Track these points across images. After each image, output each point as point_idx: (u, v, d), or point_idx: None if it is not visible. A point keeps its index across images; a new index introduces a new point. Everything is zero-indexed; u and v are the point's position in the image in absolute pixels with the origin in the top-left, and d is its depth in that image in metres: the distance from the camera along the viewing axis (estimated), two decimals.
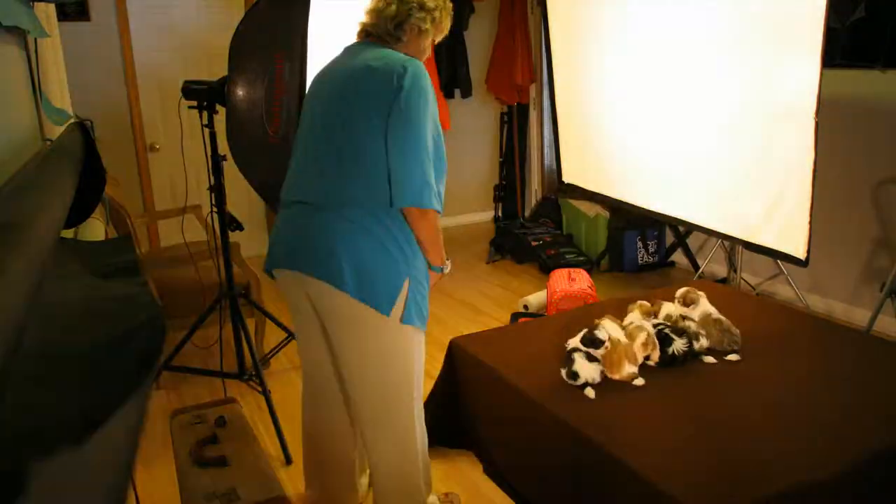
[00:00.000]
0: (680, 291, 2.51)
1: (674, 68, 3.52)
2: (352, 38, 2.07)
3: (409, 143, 1.78)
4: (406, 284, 1.85)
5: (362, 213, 1.81)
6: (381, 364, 1.93)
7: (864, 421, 1.94)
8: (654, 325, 2.35)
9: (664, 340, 2.27)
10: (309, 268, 1.86)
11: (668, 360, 2.24)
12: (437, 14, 1.95)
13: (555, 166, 4.83)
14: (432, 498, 2.26)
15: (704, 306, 2.41)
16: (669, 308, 2.45)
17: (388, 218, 1.83)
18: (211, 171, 2.88)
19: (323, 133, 1.89)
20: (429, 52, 2.03)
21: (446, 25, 2.02)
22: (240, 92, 2.60)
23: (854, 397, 2.07)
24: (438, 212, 1.87)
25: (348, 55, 1.95)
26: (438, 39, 2.05)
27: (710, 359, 2.28)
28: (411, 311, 1.87)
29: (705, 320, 2.37)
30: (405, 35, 1.92)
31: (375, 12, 1.94)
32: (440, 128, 1.90)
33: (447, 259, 1.99)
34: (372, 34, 1.94)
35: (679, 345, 2.26)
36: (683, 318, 2.40)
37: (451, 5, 2.01)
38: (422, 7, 1.91)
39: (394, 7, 1.90)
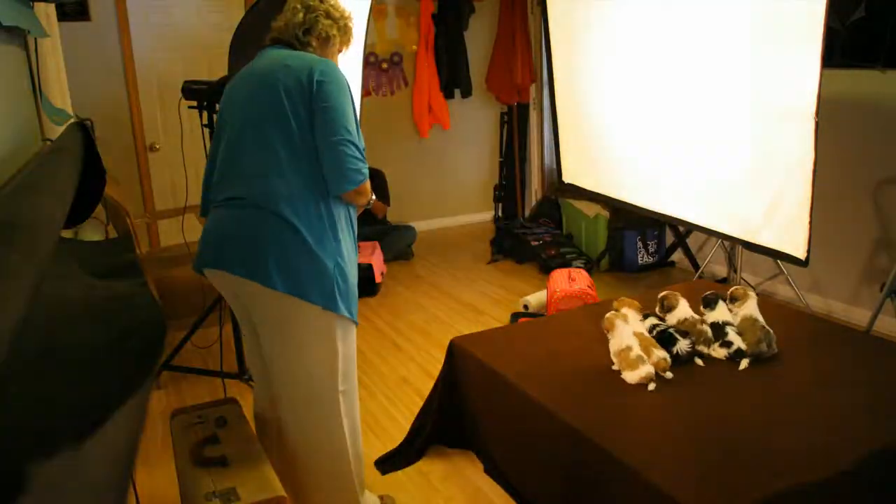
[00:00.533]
0: (661, 295, 2.51)
1: (674, 68, 3.52)
2: (357, 36, 2.10)
3: (336, 130, 1.86)
4: (331, 274, 1.90)
5: (290, 206, 1.87)
6: (302, 354, 1.97)
7: (864, 421, 1.94)
8: (656, 326, 2.35)
9: (668, 340, 2.27)
10: (234, 267, 1.90)
11: (672, 361, 2.24)
12: (341, 23, 2.07)
13: (555, 166, 4.83)
14: (370, 497, 2.27)
15: (748, 309, 2.38)
16: (685, 311, 2.43)
17: (316, 208, 1.90)
18: None
19: (246, 131, 1.95)
20: (335, 61, 2.11)
21: (350, 38, 2.15)
22: None
23: (854, 397, 2.07)
24: (366, 179, 1.95)
25: (262, 58, 2.03)
26: (345, 49, 2.15)
27: (744, 363, 2.25)
28: (336, 299, 1.91)
29: (745, 322, 2.35)
30: (313, 40, 2.03)
31: (284, 19, 2.04)
32: (359, 125, 2.00)
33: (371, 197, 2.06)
34: (281, 40, 2.04)
35: (683, 345, 2.26)
36: (724, 323, 2.36)
37: (352, 19, 2.13)
38: (328, 15, 2.03)
39: (301, 15, 2.01)
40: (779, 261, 3.87)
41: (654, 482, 1.69)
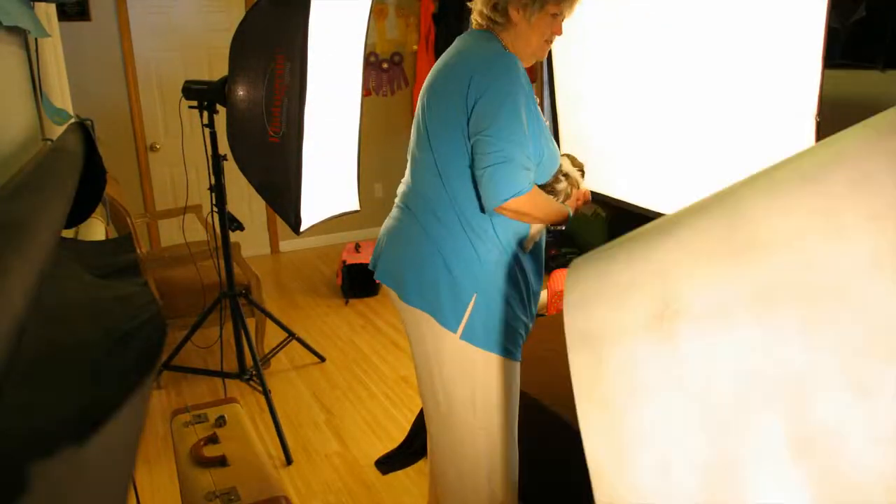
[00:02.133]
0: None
1: (674, 68, 3.53)
2: (352, 37, 2.06)
3: (492, 139, 1.58)
4: (472, 300, 1.69)
5: (436, 220, 1.70)
6: (440, 381, 1.79)
7: None
8: None
9: None
10: (382, 273, 1.81)
11: None
12: None
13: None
14: None
15: None
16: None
17: (456, 231, 1.69)
18: (211, 170, 2.89)
19: (416, 134, 1.79)
20: (547, 34, 1.80)
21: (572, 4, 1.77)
22: (240, 91, 2.60)
23: None
24: (529, 189, 1.63)
25: (451, 49, 1.77)
26: (568, 15, 1.82)
27: None
28: (475, 329, 1.69)
29: None
30: (501, 17, 1.68)
31: (476, 1, 1.75)
32: (535, 108, 1.71)
33: (569, 211, 1.79)
34: (479, 22, 1.74)
35: None
36: None
37: None
38: None
39: None
40: None
41: None
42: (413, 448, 2.68)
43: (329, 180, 2.97)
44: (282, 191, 2.63)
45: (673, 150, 3.64)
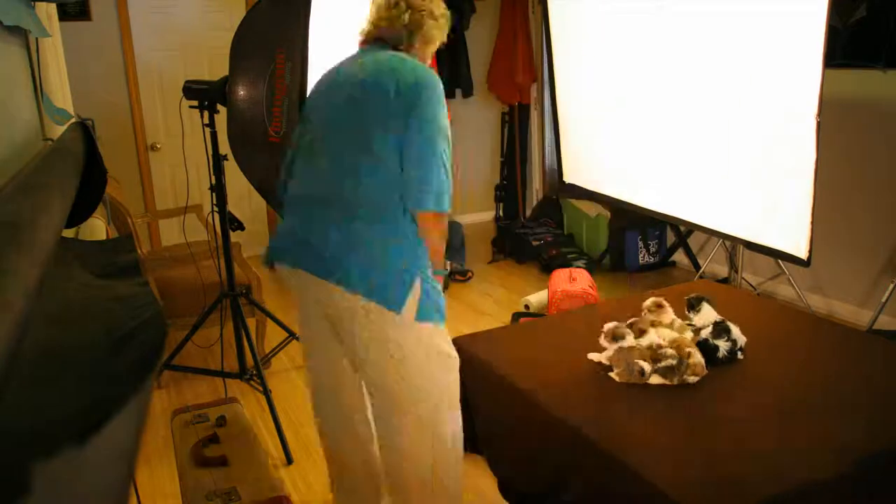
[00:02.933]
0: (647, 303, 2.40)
1: (675, 68, 3.52)
2: (352, 37, 2.07)
3: (428, 149, 1.79)
4: (418, 283, 1.83)
5: (375, 214, 1.82)
6: (399, 365, 1.89)
7: (864, 421, 1.94)
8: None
9: (710, 349, 2.24)
10: (317, 269, 1.85)
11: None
12: (442, 21, 2.00)
13: (556, 166, 4.83)
14: None
15: (708, 315, 2.30)
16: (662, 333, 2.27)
17: (398, 219, 1.83)
18: (212, 170, 2.89)
19: (337, 134, 1.88)
20: (429, 61, 2.07)
21: (445, 34, 2.07)
22: (241, 91, 2.60)
23: (855, 397, 2.07)
24: (447, 213, 1.88)
25: (362, 57, 1.94)
26: (437, 45, 2.09)
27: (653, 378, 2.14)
28: (428, 309, 1.86)
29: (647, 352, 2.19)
30: (417, 42, 1.96)
31: (389, 20, 1.96)
32: (449, 133, 1.90)
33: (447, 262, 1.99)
34: (385, 39, 1.96)
35: (724, 347, 2.24)
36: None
37: (447, 15, 2.05)
38: (432, 15, 1.96)
39: (407, 15, 1.93)
40: (780, 261, 3.86)
41: (655, 483, 1.69)
42: None
43: None
44: None
45: (673, 149, 3.64)
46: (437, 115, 1.82)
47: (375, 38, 1.97)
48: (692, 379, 2.13)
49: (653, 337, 2.22)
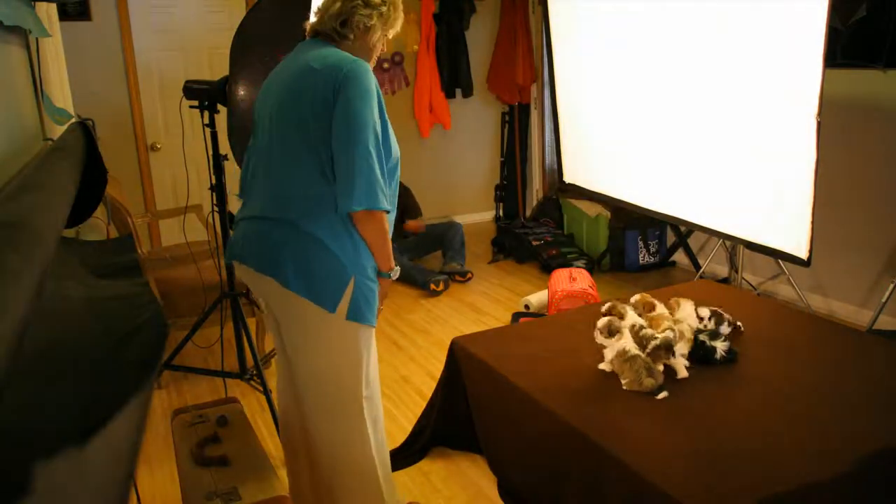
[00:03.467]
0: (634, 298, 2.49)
1: (675, 68, 3.52)
2: None
3: (353, 146, 1.76)
4: (351, 282, 1.84)
5: (309, 212, 1.83)
6: (328, 362, 1.93)
7: (864, 421, 1.94)
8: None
9: (707, 350, 2.27)
10: (258, 265, 1.88)
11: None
12: (383, 9, 1.92)
13: (556, 166, 4.83)
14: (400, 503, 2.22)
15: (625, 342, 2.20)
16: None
17: (332, 220, 1.83)
18: (212, 170, 2.88)
19: (270, 137, 1.90)
20: (379, 50, 2.00)
21: (396, 21, 1.99)
22: (241, 91, 2.60)
23: (855, 397, 2.07)
24: (388, 212, 1.85)
25: (294, 57, 1.93)
26: (390, 35, 2.02)
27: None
28: (360, 308, 1.86)
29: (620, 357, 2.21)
30: (351, 32, 1.90)
31: (321, 11, 1.92)
32: (389, 126, 1.88)
33: (395, 265, 1.96)
34: (320, 33, 1.93)
35: (721, 348, 2.26)
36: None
37: (399, 1, 1.99)
38: (366, 4, 1.89)
39: (338, 5, 1.88)
40: (780, 261, 3.86)
41: (655, 483, 1.69)
42: (414, 448, 2.68)
43: None
44: None
45: (673, 149, 3.64)
46: (360, 109, 1.77)
47: (315, 33, 1.95)
48: (683, 364, 2.16)
49: (634, 318, 2.28)
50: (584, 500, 1.94)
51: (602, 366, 2.26)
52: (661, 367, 2.16)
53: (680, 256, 4.96)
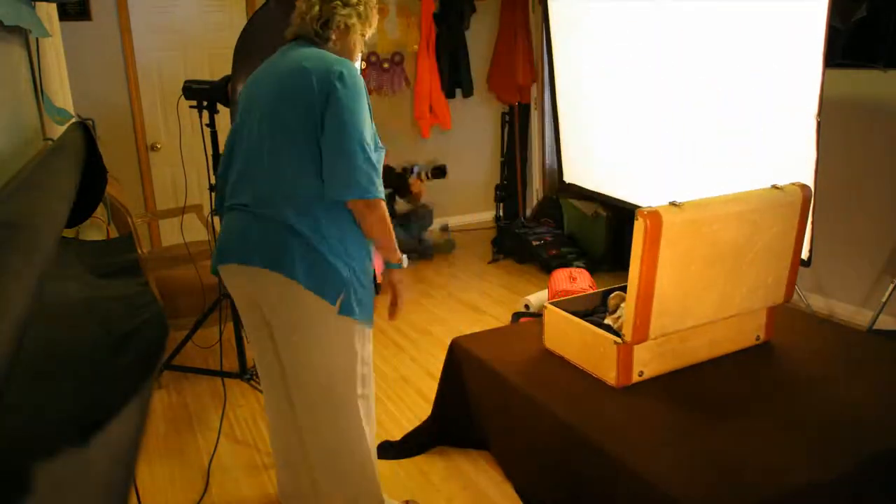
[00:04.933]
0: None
1: (675, 68, 3.52)
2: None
3: (349, 140, 1.80)
4: (345, 276, 1.87)
5: (305, 206, 1.85)
6: (325, 357, 1.94)
7: (864, 421, 1.94)
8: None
9: None
10: (257, 260, 1.88)
11: None
12: (361, 9, 1.97)
13: (556, 166, 4.83)
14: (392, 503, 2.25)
15: None
16: None
17: (324, 217, 1.85)
18: (212, 170, 2.89)
19: (261, 136, 1.91)
20: (360, 49, 2.05)
21: (373, 20, 2.03)
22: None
23: (855, 397, 2.07)
24: (382, 199, 1.89)
25: (280, 57, 1.97)
26: (368, 34, 2.06)
27: None
28: (352, 304, 1.89)
29: None
30: (332, 33, 1.94)
31: (300, 15, 1.96)
32: (375, 130, 1.93)
33: (402, 255, 2.00)
34: (301, 36, 1.97)
35: None
36: None
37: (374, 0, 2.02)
38: (345, 3, 1.93)
39: (317, 7, 1.93)
40: None
41: (654, 482, 1.69)
42: (411, 445, 2.69)
43: None
44: None
45: (673, 149, 3.64)
46: (351, 104, 1.81)
47: (296, 36, 1.98)
48: None
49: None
50: (583, 499, 1.94)
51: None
52: None
53: None
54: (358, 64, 2.03)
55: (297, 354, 1.95)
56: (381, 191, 1.86)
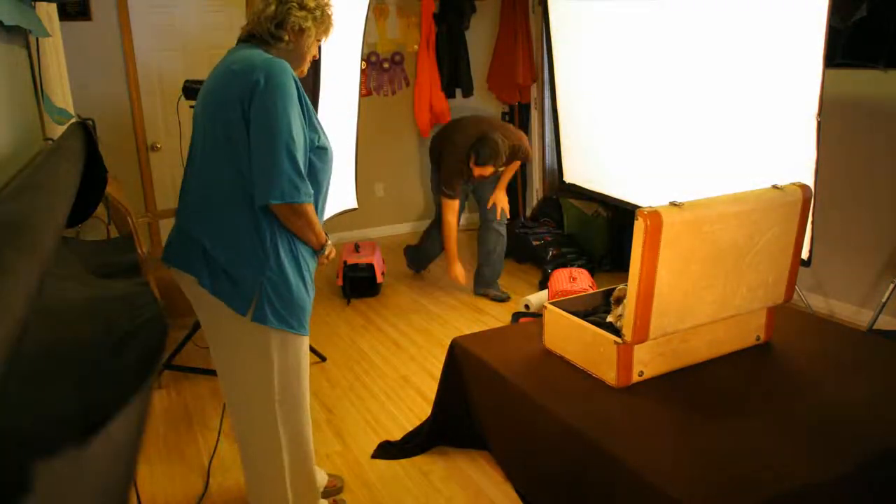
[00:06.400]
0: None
1: (675, 68, 3.52)
2: (350, 38, 2.07)
3: (272, 143, 1.78)
4: (260, 284, 1.87)
5: (227, 210, 1.86)
6: (238, 362, 1.97)
7: (864, 421, 1.94)
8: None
9: None
10: (180, 263, 1.93)
11: None
12: (317, 13, 1.95)
13: (556, 166, 4.83)
14: None
15: None
16: None
17: (246, 220, 1.86)
18: None
19: (195, 141, 1.95)
20: (313, 53, 2.03)
21: (329, 27, 2.01)
22: None
23: (855, 397, 2.07)
24: (308, 203, 1.87)
25: (221, 61, 1.96)
26: (322, 41, 2.06)
27: None
28: (265, 312, 1.87)
29: None
30: (286, 34, 1.92)
31: (256, 14, 1.94)
32: (316, 123, 1.91)
33: (327, 240, 1.98)
34: (255, 36, 1.94)
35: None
36: None
37: (331, 5, 2.01)
38: (301, 6, 1.91)
39: (273, 7, 1.90)
40: None
41: (655, 482, 1.69)
42: (410, 445, 2.69)
43: None
44: None
45: (674, 149, 3.64)
46: (279, 106, 1.78)
47: (249, 35, 1.96)
48: None
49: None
50: (583, 499, 1.94)
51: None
52: None
53: None
54: (306, 67, 2.03)
55: (216, 358, 2.03)
56: (308, 194, 1.84)
